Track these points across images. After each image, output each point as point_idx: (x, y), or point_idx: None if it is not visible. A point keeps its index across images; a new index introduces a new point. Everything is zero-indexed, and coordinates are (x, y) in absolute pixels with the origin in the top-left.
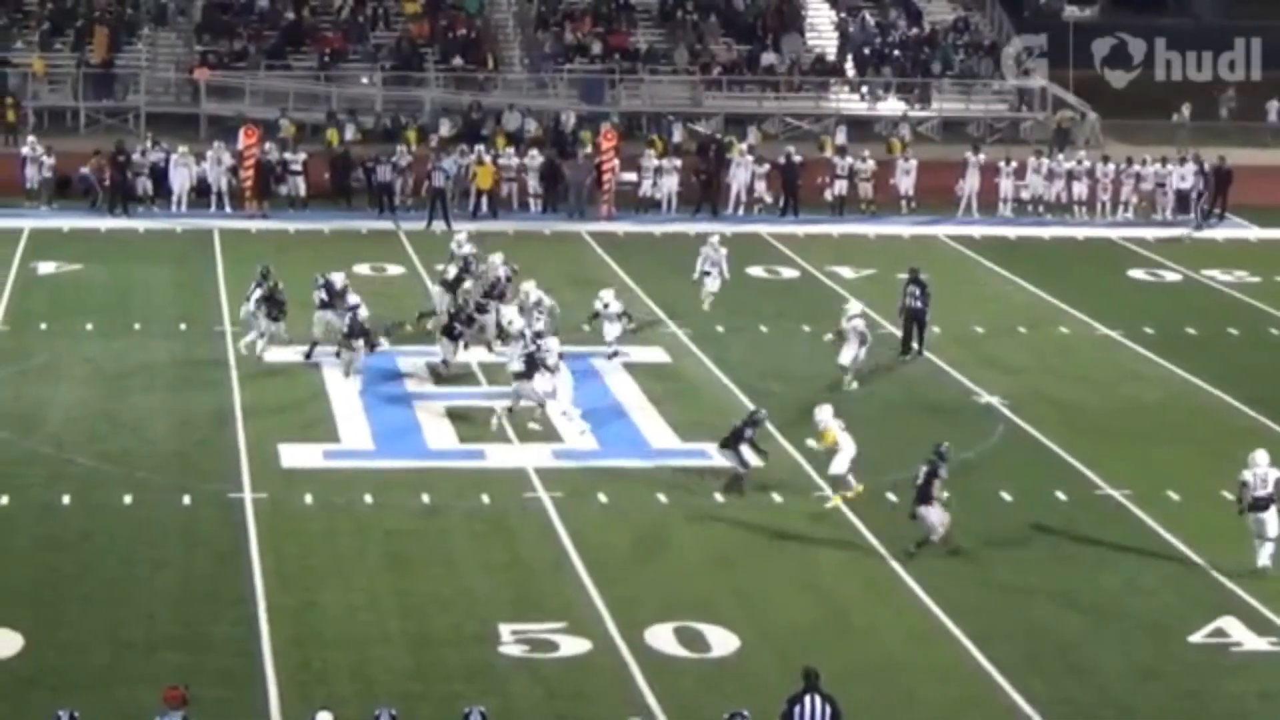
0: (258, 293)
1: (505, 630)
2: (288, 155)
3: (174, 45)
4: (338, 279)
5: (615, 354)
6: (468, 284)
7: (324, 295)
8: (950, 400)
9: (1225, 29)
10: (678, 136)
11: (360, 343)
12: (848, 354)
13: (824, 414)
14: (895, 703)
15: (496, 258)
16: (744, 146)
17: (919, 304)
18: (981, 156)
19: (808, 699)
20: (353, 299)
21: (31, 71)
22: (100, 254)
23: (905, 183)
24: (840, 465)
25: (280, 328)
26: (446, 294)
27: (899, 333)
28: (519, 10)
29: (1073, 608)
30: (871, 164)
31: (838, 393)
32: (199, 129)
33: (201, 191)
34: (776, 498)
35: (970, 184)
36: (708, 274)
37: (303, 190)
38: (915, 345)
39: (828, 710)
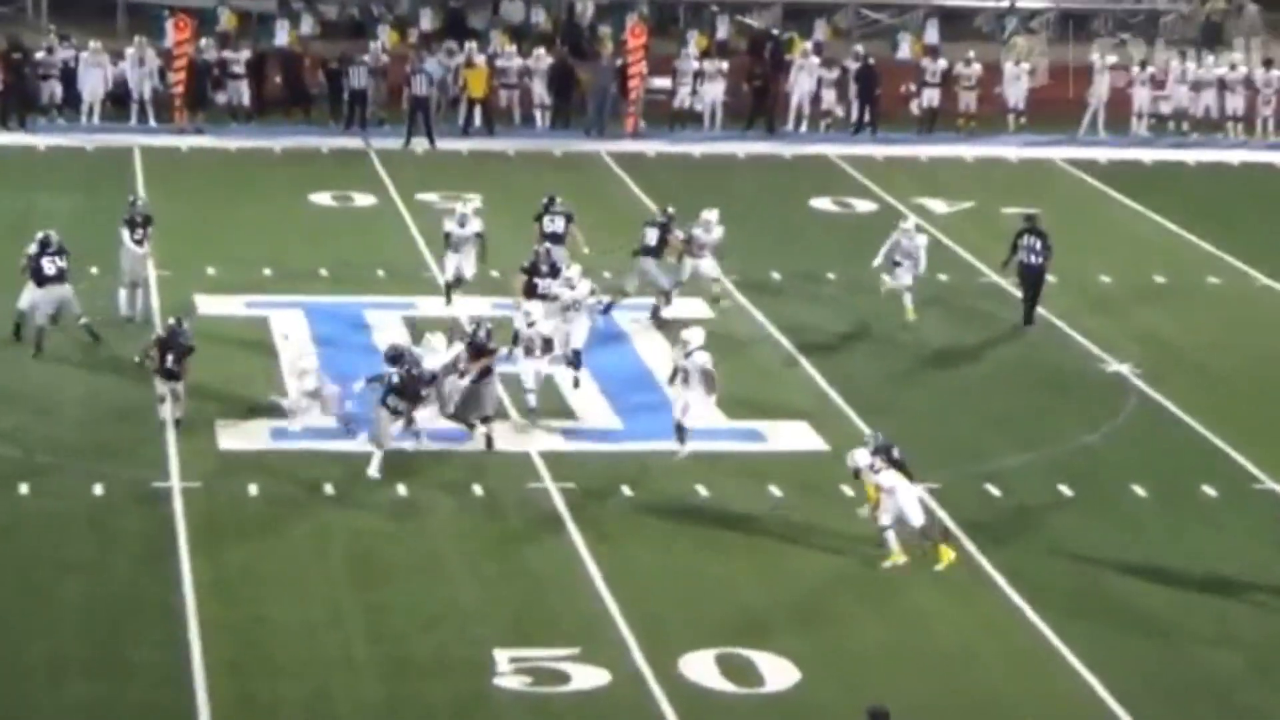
0: (127, 234)
1: (502, 658)
2: (228, 54)
3: None
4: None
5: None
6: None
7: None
8: (1069, 369)
9: None
10: (724, 32)
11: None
12: (680, 404)
13: (859, 458)
14: None
15: (712, 215)
16: (808, 45)
17: (1038, 260)
18: (1111, 59)
19: None
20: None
21: None
22: None
23: (1015, 92)
24: (885, 516)
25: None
26: (648, 261)
27: (1017, 292)
28: None
29: (1227, 641)
30: (977, 68)
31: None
32: (115, 20)
33: (119, 100)
34: (847, 490)
35: (1098, 94)
36: (898, 264)
37: (247, 98)
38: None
39: None
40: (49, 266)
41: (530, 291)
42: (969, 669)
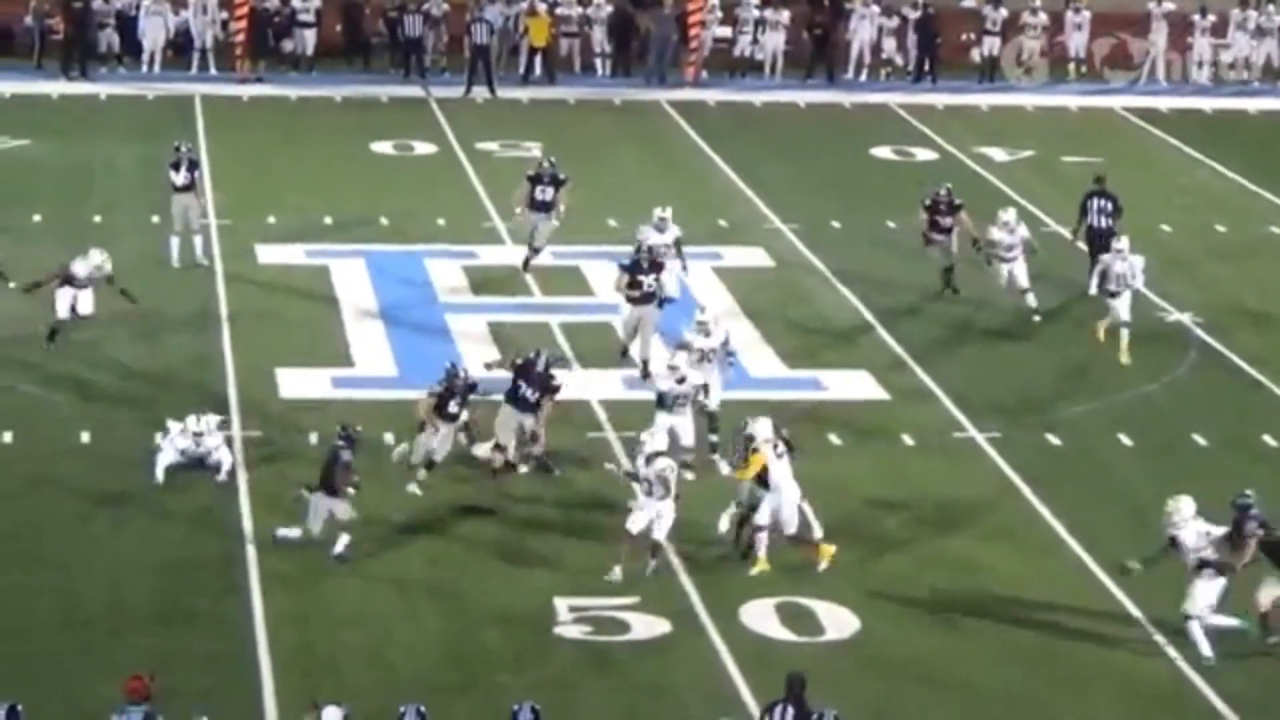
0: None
1: (562, 606)
2: (295, 3)
3: None
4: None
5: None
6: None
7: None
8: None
9: None
10: None
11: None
12: (644, 517)
13: (761, 428)
14: (1066, 689)
15: (1010, 215)
16: None
17: (1108, 222)
18: (1169, 5)
19: (778, 710)
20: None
21: None
22: (52, 126)
23: (1076, 40)
24: (763, 515)
25: None
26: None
27: (1084, 246)
28: None
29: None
30: (1043, 18)
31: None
32: None
33: (180, 48)
34: (908, 440)
35: (1156, 42)
36: (1115, 295)
37: (311, 47)
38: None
39: None
40: None
41: (634, 287)
42: (1026, 618)
